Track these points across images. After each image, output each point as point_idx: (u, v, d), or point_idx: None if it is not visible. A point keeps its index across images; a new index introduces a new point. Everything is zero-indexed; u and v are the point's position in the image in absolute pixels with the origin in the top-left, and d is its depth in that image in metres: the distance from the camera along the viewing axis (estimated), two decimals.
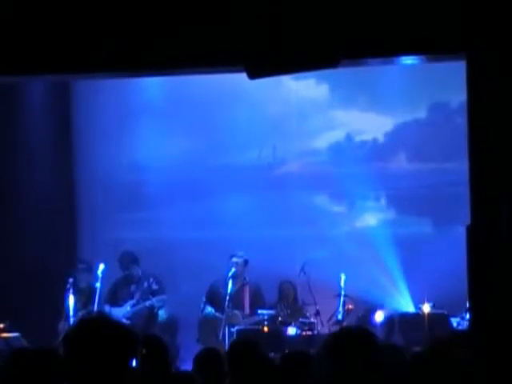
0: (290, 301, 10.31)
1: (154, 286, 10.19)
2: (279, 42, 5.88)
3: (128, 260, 10.39)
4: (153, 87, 11.49)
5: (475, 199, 5.36)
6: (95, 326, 3.28)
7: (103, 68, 7.00)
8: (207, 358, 5.38)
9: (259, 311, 10.03)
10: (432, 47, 5.73)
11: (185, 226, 11.59)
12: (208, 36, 6.22)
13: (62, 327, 10.16)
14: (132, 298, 10.32)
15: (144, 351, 4.91)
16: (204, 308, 10.24)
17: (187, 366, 7.95)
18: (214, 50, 6.25)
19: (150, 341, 5.23)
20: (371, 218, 11.52)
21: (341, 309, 9.90)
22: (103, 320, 3.34)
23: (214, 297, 10.30)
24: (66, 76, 8.48)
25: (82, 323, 3.40)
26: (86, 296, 10.27)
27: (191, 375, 5.02)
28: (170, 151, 11.69)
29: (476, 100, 5.42)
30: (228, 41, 6.11)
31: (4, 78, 7.19)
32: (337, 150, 11.58)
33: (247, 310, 10.25)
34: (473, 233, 5.32)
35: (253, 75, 6.11)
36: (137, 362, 4.65)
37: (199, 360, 5.43)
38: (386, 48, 5.83)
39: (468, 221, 5.74)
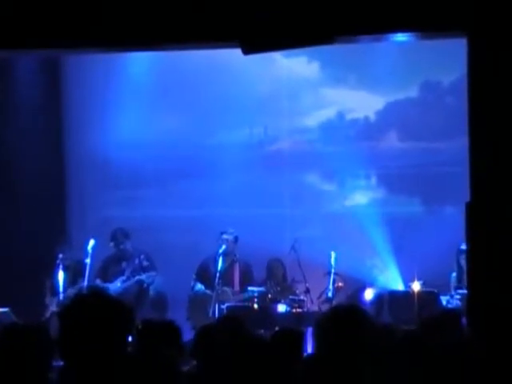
0: (278, 279, 10.31)
1: (145, 263, 10.19)
2: (274, 18, 5.84)
3: (121, 235, 10.38)
4: (142, 64, 11.41)
5: (474, 176, 5.37)
6: (91, 301, 3.25)
7: (94, 43, 6.96)
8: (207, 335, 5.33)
9: (249, 288, 10.03)
10: (432, 25, 5.71)
11: (174, 204, 11.57)
12: (203, 11, 6.18)
13: (51, 303, 10.17)
14: (123, 274, 10.32)
15: (140, 327, 4.89)
16: (194, 285, 10.24)
17: None
18: (208, 25, 6.21)
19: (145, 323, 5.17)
20: (361, 197, 11.53)
21: (331, 287, 9.91)
22: (99, 295, 3.31)
23: (204, 274, 10.30)
24: (54, 51, 8.44)
25: (77, 298, 3.37)
26: (75, 272, 10.25)
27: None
28: (160, 129, 11.63)
29: (476, 79, 5.41)
30: (223, 16, 6.08)
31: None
32: (328, 128, 11.56)
33: (237, 287, 10.25)
34: (472, 210, 5.33)
35: (247, 51, 6.09)
36: (132, 338, 4.65)
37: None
38: (382, 25, 5.81)
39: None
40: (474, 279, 5.50)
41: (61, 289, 9.99)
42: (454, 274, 9.65)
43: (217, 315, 9.75)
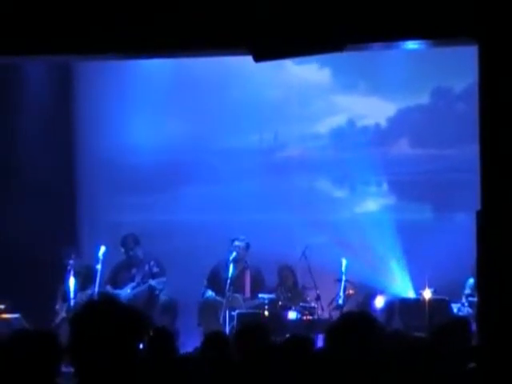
0: (289, 286, 10.31)
1: (155, 269, 10.19)
2: (285, 26, 5.86)
3: (132, 241, 10.40)
4: (155, 70, 11.43)
5: (485, 184, 5.36)
6: (104, 308, 3.24)
7: (106, 50, 6.98)
8: (215, 341, 5.36)
9: (260, 295, 10.02)
10: (444, 33, 5.71)
11: (184, 209, 11.58)
12: (214, 18, 6.19)
13: (61, 308, 10.18)
14: (133, 280, 10.33)
15: (151, 333, 4.90)
16: (205, 292, 10.25)
17: (187, 349, 7.95)
18: (219, 32, 6.22)
19: (157, 330, 5.19)
20: (372, 204, 11.52)
21: (341, 294, 9.89)
22: (111, 302, 3.30)
23: (215, 280, 10.30)
24: (66, 57, 8.44)
25: (90, 305, 3.37)
26: (86, 277, 10.27)
27: (196, 358, 5.01)
28: (171, 135, 11.66)
29: (487, 86, 5.41)
30: (234, 24, 6.09)
31: (7, 57, 7.18)
32: (339, 134, 11.56)
33: (248, 294, 10.25)
34: (483, 218, 5.32)
35: (258, 58, 6.10)
36: (143, 345, 4.65)
37: (207, 343, 5.41)
38: (393, 32, 5.81)
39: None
40: (484, 287, 5.50)
41: (71, 294, 10.00)
42: (472, 280, 9.53)
43: (227, 322, 9.76)
